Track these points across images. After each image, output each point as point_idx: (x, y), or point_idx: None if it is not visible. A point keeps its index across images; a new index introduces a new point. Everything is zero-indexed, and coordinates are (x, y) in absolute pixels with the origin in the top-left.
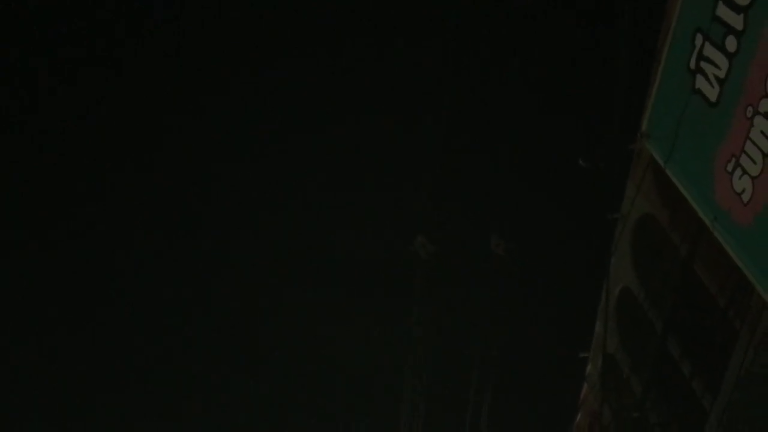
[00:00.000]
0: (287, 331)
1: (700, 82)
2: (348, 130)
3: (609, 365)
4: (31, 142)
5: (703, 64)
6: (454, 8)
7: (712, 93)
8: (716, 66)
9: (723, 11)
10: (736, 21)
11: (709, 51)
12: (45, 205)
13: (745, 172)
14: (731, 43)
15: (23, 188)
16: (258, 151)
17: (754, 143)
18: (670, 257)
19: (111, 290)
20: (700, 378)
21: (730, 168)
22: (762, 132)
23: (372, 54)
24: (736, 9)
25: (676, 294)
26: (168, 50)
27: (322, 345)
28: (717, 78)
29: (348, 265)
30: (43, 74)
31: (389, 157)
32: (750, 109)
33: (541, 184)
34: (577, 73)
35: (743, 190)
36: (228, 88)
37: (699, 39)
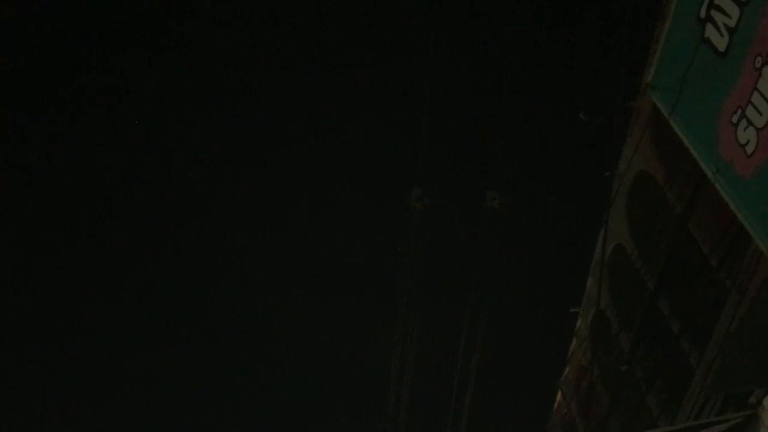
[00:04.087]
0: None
1: (710, 32)
2: (341, 79)
3: (599, 321)
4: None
5: (713, 13)
6: None
7: (721, 43)
8: (727, 15)
9: None
10: None
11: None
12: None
13: (750, 123)
14: None
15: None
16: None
17: (761, 94)
18: (665, 216)
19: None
20: (688, 336)
21: (735, 119)
22: None
23: (363, 6)
24: None
25: (669, 252)
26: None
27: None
28: (727, 27)
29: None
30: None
31: (385, 108)
32: (759, 59)
33: (539, 138)
34: (580, 26)
35: (747, 142)
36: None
37: None
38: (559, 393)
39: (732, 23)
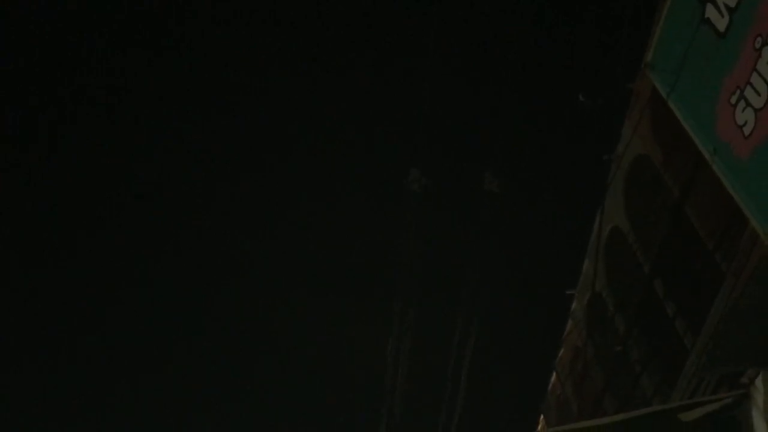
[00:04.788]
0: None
1: (710, 12)
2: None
3: (595, 303)
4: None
5: None
6: None
7: (721, 23)
8: None
9: None
10: None
11: None
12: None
13: (748, 104)
14: None
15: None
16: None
17: (760, 75)
18: (662, 199)
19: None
20: (683, 318)
21: (733, 100)
22: None
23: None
24: None
25: (666, 236)
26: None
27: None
28: (727, 7)
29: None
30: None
31: (385, 91)
32: (759, 39)
33: (537, 121)
34: (580, 6)
35: (745, 123)
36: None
37: None
38: (554, 374)
39: (732, 3)
